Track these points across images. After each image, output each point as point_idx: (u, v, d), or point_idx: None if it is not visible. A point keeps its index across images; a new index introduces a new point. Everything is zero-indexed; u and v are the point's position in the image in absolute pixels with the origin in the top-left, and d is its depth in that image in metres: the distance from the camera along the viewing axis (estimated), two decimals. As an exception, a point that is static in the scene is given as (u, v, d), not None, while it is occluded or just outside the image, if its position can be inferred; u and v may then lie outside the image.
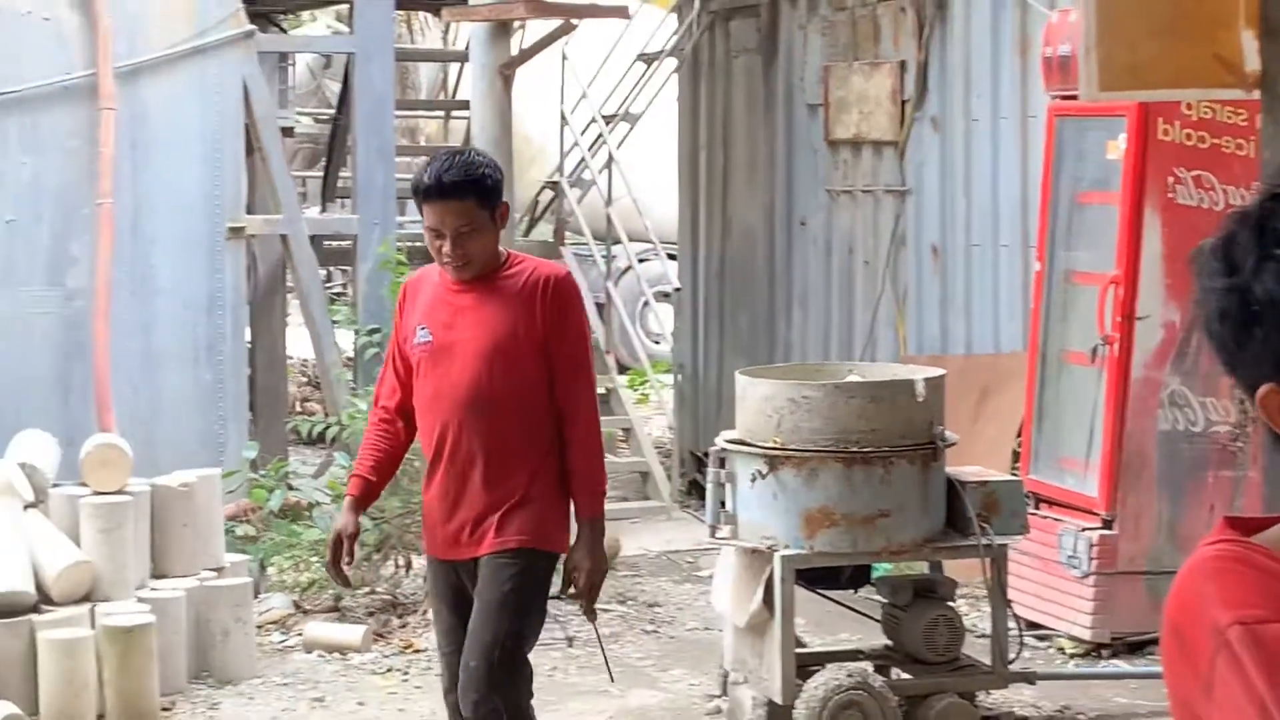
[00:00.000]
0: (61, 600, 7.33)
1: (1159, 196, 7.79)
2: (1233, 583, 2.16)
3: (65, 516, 7.62)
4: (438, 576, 5.38)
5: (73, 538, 7.53)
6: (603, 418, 11.78)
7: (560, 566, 5.38)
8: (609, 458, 12.00)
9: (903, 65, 10.07)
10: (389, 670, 7.98)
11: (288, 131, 12.35)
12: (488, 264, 5.15)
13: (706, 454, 7.70)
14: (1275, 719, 1.97)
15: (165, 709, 7.31)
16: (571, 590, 5.32)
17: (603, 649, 5.98)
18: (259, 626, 8.20)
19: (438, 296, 5.24)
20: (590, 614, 5.35)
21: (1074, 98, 8.05)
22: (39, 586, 7.31)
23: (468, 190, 5.07)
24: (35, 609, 7.26)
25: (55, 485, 7.88)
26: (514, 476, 5.15)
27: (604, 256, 13.07)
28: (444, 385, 5.15)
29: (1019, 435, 8.60)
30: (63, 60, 9.44)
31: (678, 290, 12.57)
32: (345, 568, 5.36)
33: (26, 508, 7.61)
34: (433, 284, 5.28)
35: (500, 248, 5.25)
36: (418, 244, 12.90)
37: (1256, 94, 3.97)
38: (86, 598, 7.40)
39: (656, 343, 15.23)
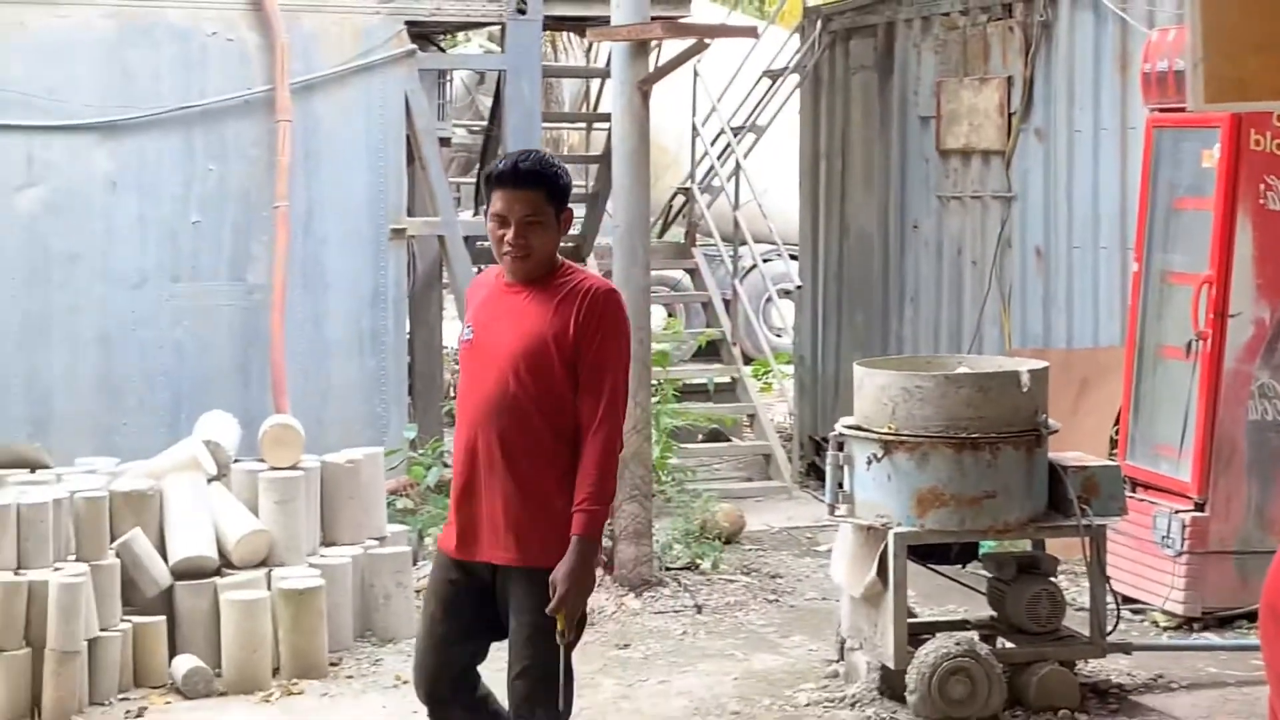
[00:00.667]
0: (241, 565, 7.43)
1: (1250, 202, 7.67)
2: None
3: (245, 489, 7.72)
4: (442, 571, 4.88)
5: (251, 509, 7.63)
6: (729, 404, 12.02)
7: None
8: (734, 443, 12.13)
9: (1010, 80, 9.97)
10: (534, 632, 8.00)
11: (445, 141, 12.40)
12: (544, 265, 4.73)
13: (825, 438, 7.67)
14: None
15: (333, 664, 7.39)
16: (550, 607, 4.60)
17: (571, 681, 4.68)
18: (417, 591, 8.25)
19: (489, 297, 4.83)
20: (564, 637, 4.61)
21: (1171, 110, 7.95)
22: (221, 552, 7.42)
23: (540, 181, 4.68)
24: (218, 573, 7.37)
25: (236, 461, 7.98)
26: (540, 483, 4.68)
27: (731, 256, 13.05)
28: (475, 384, 4.73)
29: (1116, 424, 8.49)
30: (244, 77, 9.56)
31: (799, 288, 12.52)
32: None
33: (210, 481, 7.72)
34: (490, 286, 4.87)
35: (558, 256, 4.82)
36: (563, 244, 12.97)
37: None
38: (263, 563, 7.49)
39: (778, 335, 15.18)
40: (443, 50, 13.12)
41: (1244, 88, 2.88)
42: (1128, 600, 7.71)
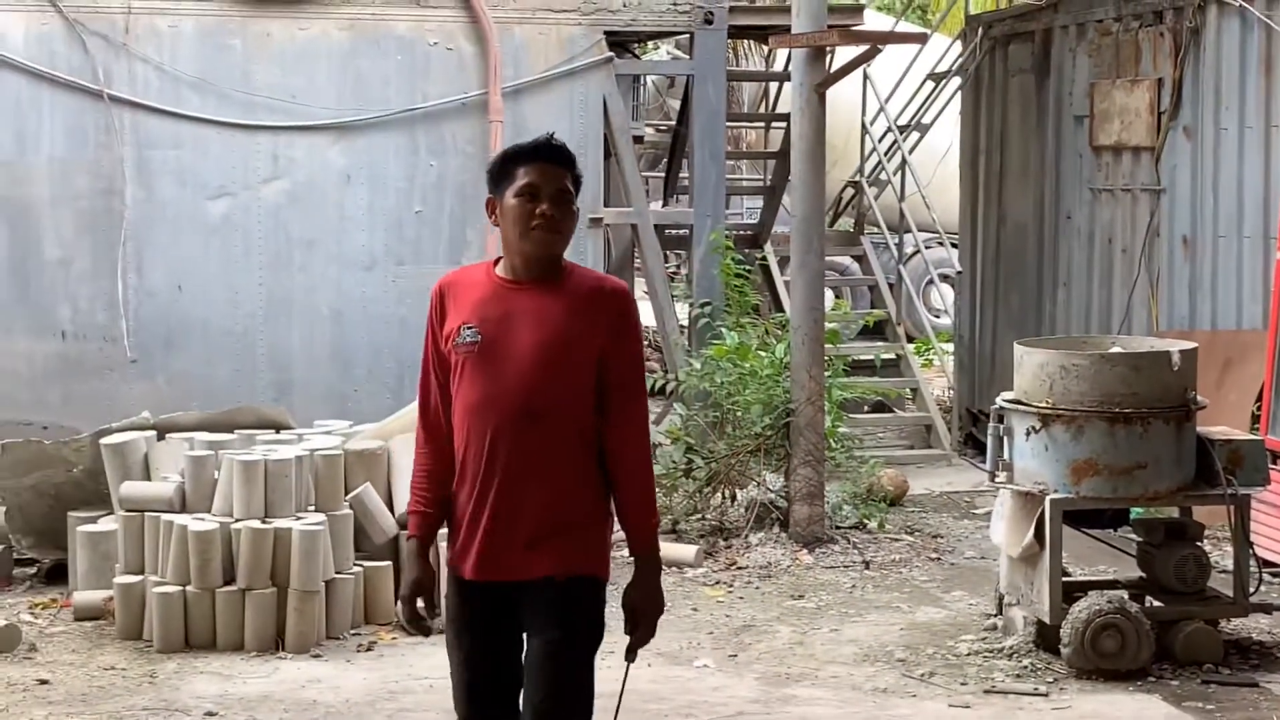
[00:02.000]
0: (458, 517, 7.50)
1: (1391, 196, 7.40)
2: None
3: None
4: (465, 598, 4.01)
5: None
6: (893, 380, 11.92)
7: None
8: (898, 414, 12.01)
9: (1160, 82, 9.73)
10: (717, 583, 8.02)
11: (638, 139, 12.44)
12: (558, 259, 3.99)
13: (982, 411, 7.57)
14: None
15: (538, 607, 7.43)
16: (629, 631, 3.99)
17: (622, 691, 4.14)
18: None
19: (488, 295, 3.99)
20: (632, 656, 4.02)
21: (1315, 110, 7.70)
22: (441, 505, 7.49)
23: (571, 161, 4.01)
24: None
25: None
26: (572, 491, 3.94)
27: (896, 244, 12.92)
28: (495, 388, 3.91)
29: (1258, 401, 8.25)
30: (461, 82, 9.67)
31: (959, 272, 12.36)
32: (426, 618, 4.06)
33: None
34: (479, 283, 4.02)
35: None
36: (743, 232, 12.94)
37: None
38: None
39: (938, 316, 14.99)
40: (637, 57, 13.15)
41: None
42: (1268, 564, 7.50)
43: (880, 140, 13.09)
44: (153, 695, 6.34)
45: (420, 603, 4.04)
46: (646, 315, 12.83)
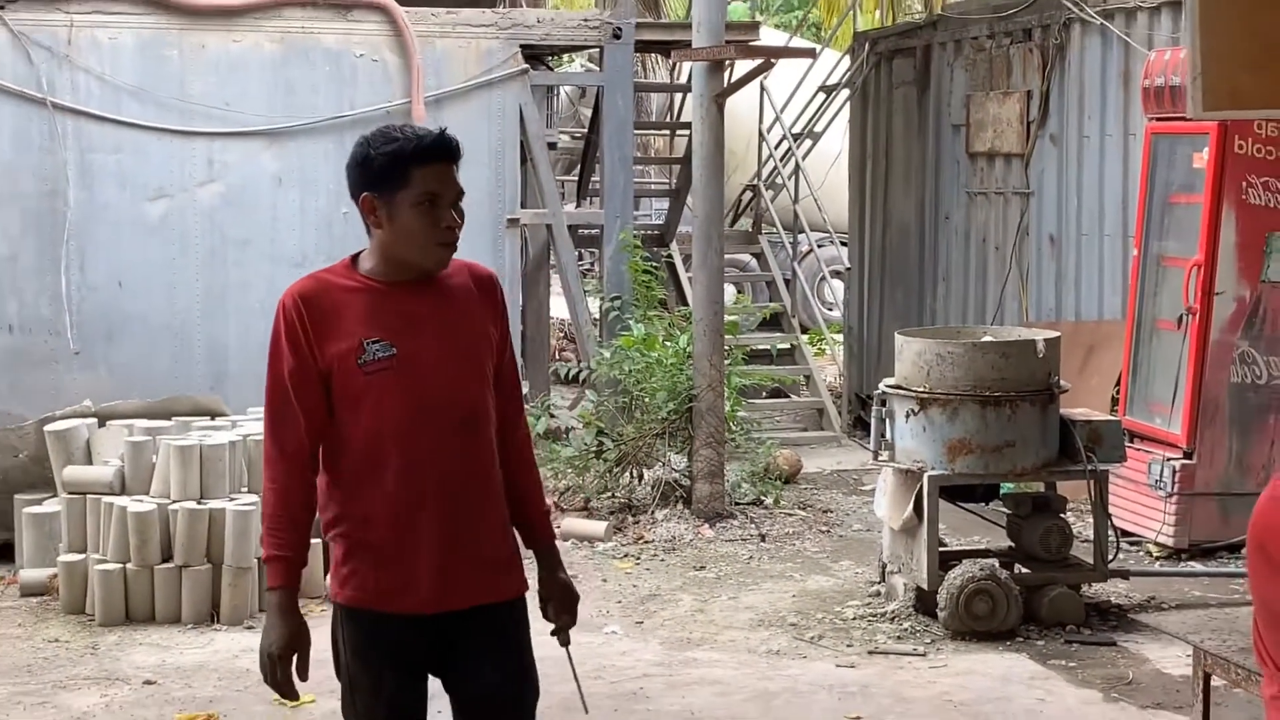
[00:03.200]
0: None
1: (1234, 197, 7.54)
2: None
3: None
4: (390, 635, 3.37)
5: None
6: (789, 367, 11.99)
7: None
8: (793, 399, 12.08)
9: (1029, 94, 9.85)
10: (625, 556, 8.04)
11: (552, 146, 12.41)
12: None
13: (870, 396, 7.63)
14: None
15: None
16: (554, 627, 3.59)
17: (576, 678, 3.68)
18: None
19: (374, 303, 3.34)
20: (566, 639, 3.60)
21: (1168, 119, 7.83)
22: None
23: (460, 154, 3.41)
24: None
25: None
26: (497, 501, 3.43)
27: (791, 243, 12.99)
28: (422, 402, 3.31)
29: (1117, 385, 8.39)
30: (386, 91, 9.60)
31: (848, 269, 12.45)
32: (299, 679, 3.42)
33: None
34: (351, 290, 3.35)
35: None
36: (650, 232, 12.94)
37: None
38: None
39: (830, 309, 15.09)
40: (551, 69, 13.11)
41: (1236, 99, 2.84)
42: (1126, 534, 7.64)
43: (776, 147, 13.15)
44: (94, 665, 6.27)
45: (295, 660, 3.37)
46: (560, 309, 12.83)
